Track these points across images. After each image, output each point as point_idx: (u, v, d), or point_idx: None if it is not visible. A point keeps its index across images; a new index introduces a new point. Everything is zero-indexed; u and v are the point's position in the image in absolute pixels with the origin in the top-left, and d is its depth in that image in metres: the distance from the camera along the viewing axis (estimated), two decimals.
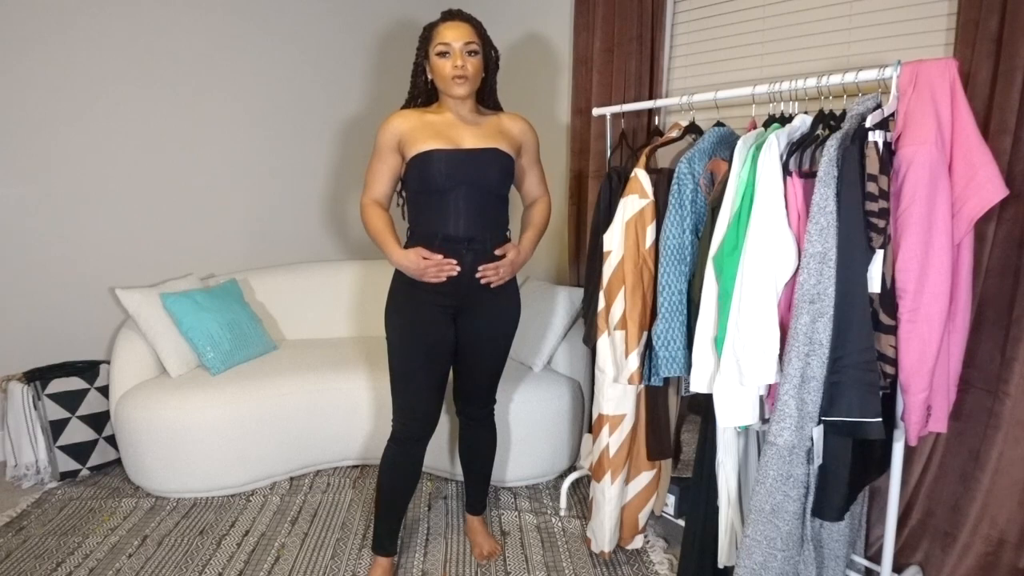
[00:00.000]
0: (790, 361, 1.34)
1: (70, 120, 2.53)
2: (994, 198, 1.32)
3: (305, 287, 2.97)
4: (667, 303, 1.62)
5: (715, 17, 2.24)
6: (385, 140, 1.69)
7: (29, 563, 1.91)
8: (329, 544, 2.04)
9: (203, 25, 2.79)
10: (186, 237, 2.87)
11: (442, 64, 1.64)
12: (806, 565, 1.44)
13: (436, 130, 1.67)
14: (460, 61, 1.62)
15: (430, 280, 1.64)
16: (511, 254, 1.73)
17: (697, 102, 1.79)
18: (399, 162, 1.71)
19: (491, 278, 1.71)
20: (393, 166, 1.72)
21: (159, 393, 2.30)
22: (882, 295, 1.32)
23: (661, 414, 1.87)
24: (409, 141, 1.66)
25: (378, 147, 1.71)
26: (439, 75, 1.65)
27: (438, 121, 1.70)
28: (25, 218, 2.49)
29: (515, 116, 1.81)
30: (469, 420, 1.95)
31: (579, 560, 1.96)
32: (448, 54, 1.63)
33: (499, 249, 1.72)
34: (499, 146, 1.70)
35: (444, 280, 1.65)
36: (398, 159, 1.71)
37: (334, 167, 3.29)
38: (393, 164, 1.71)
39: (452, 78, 1.63)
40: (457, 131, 1.69)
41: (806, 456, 1.38)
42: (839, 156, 1.30)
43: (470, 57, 1.64)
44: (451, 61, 1.62)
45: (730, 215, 1.46)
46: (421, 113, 1.72)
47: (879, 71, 1.39)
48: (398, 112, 1.73)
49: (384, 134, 1.69)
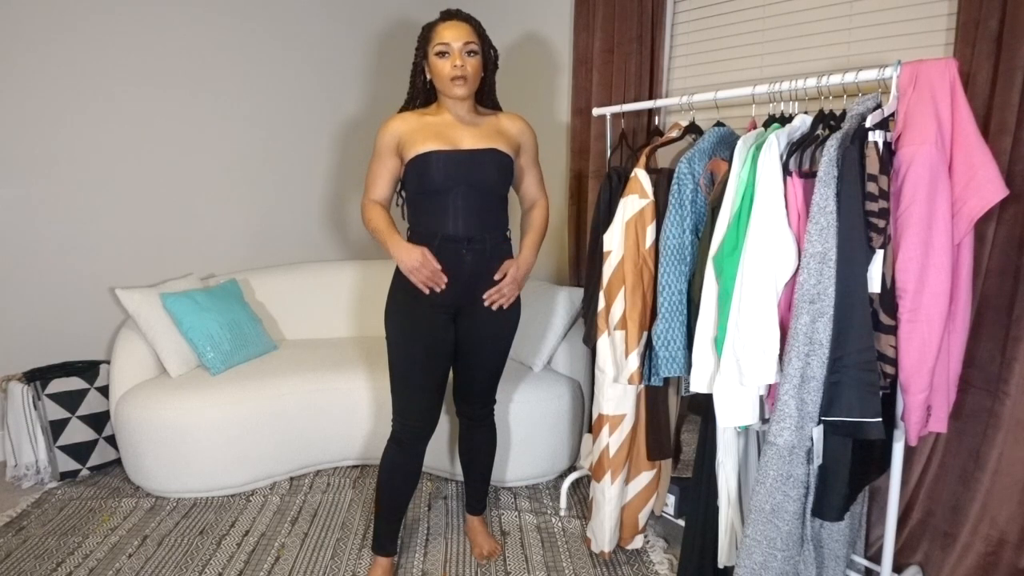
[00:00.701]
0: (790, 361, 1.34)
1: (70, 120, 2.53)
2: (994, 198, 1.32)
3: (305, 287, 2.97)
4: (667, 303, 1.62)
5: (715, 17, 2.24)
6: (384, 142, 1.70)
7: (29, 563, 1.91)
8: (329, 544, 2.04)
9: (203, 25, 2.79)
10: (186, 237, 2.87)
11: (441, 64, 1.63)
12: (806, 565, 1.44)
13: (435, 131, 1.68)
14: (459, 61, 1.62)
15: (418, 282, 1.64)
16: (511, 272, 1.73)
17: (697, 102, 1.79)
18: (398, 164, 1.72)
19: (499, 301, 1.72)
20: (392, 168, 1.72)
21: (159, 393, 2.30)
22: (882, 295, 1.32)
23: (661, 414, 1.87)
24: (408, 143, 1.67)
25: (377, 149, 1.71)
26: (438, 75, 1.65)
27: (437, 122, 1.70)
28: (25, 218, 2.49)
29: (514, 116, 1.80)
30: (469, 421, 1.95)
31: (579, 560, 1.96)
32: (447, 54, 1.63)
33: (498, 273, 1.73)
34: (498, 146, 1.70)
35: (426, 291, 1.66)
36: (397, 161, 1.72)
37: (334, 167, 3.29)
38: (392, 166, 1.72)
39: (451, 78, 1.63)
40: (455, 132, 1.69)
41: (806, 456, 1.38)
42: (839, 156, 1.30)
43: (469, 57, 1.64)
44: (450, 61, 1.62)
45: (730, 215, 1.46)
46: (420, 115, 1.72)
47: (879, 71, 1.39)
48: (397, 115, 1.73)
49: (383, 136, 1.70)
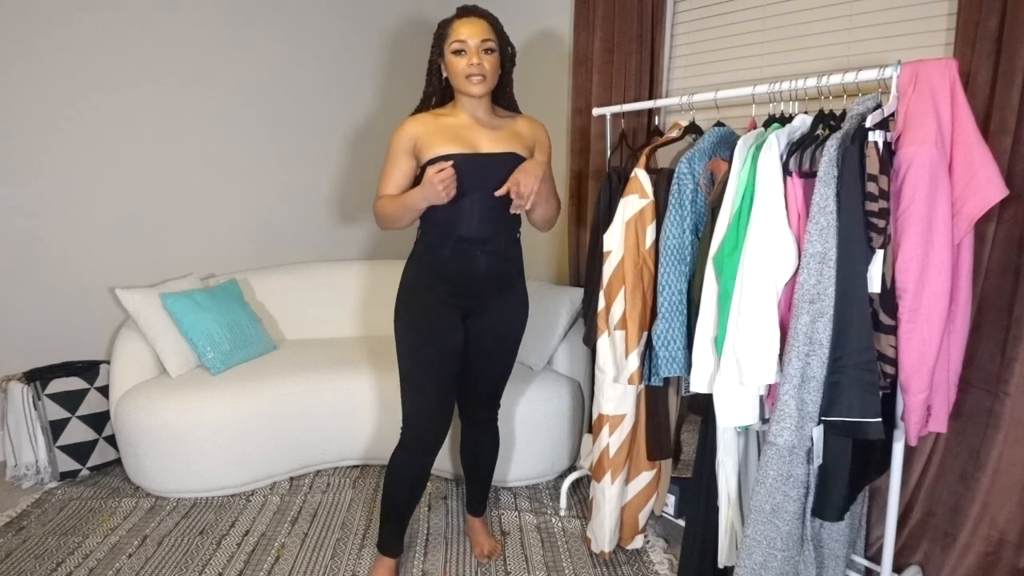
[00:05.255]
0: (790, 361, 1.34)
1: (70, 120, 2.53)
2: (994, 198, 1.32)
3: (305, 287, 2.97)
4: (667, 303, 1.62)
5: (715, 17, 2.24)
6: (400, 144, 1.66)
7: (29, 563, 1.91)
8: (329, 544, 2.04)
9: (204, 25, 2.79)
10: (186, 237, 2.87)
11: (458, 62, 1.60)
12: (806, 565, 1.44)
13: (453, 133, 1.64)
14: (476, 59, 1.58)
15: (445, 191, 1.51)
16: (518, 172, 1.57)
17: (697, 102, 1.79)
18: (413, 166, 1.68)
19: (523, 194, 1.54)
20: (407, 170, 1.69)
21: (159, 393, 2.30)
22: (882, 295, 1.32)
23: (661, 414, 1.87)
24: (425, 144, 1.63)
25: (392, 151, 1.68)
26: (455, 73, 1.62)
27: (454, 124, 1.67)
28: (25, 218, 2.49)
29: (531, 120, 1.78)
30: (473, 424, 1.94)
31: (579, 560, 1.96)
32: (464, 52, 1.59)
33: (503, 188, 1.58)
34: (516, 150, 1.67)
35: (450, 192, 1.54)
36: (413, 163, 1.68)
37: (341, 167, 3.29)
38: (407, 168, 1.68)
39: (468, 76, 1.59)
40: (474, 134, 1.66)
41: (806, 456, 1.38)
42: (839, 156, 1.30)
43: (487, 55, 1.60)
44: (467, 59, 1.59)
45: (730, 215, 1.46)
46: (436, 116, 1.69)
47: (879, 71, 1.39)
48: (412, 116, 1.70)
49: (399, 138, 1.66)
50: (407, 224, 1.69)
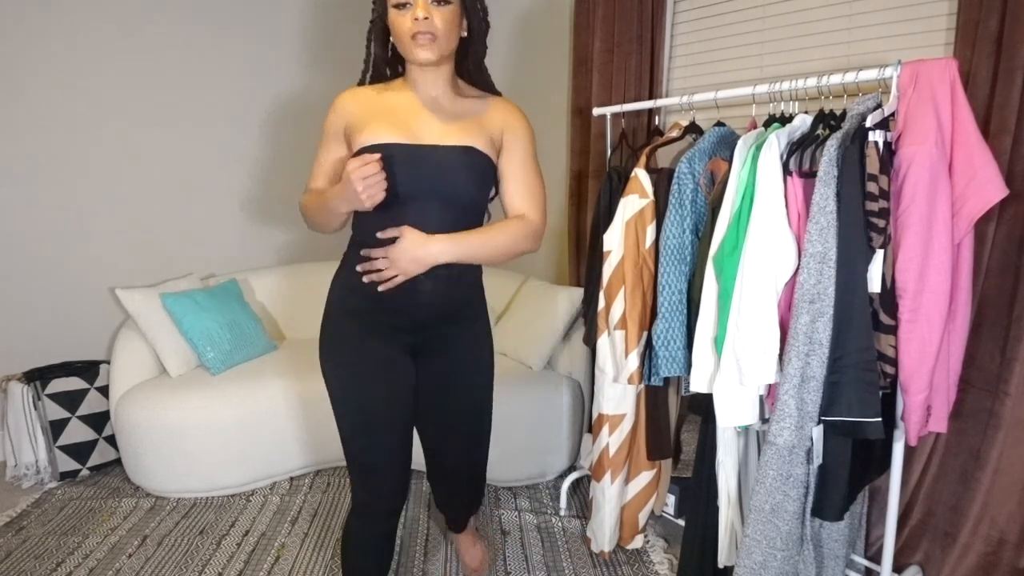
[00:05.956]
0: (790, 361, 1.34)
1: (70, 120, 2.53)
2: (994, 198, 1.32)
3: (305, 287, 2.97)
4: (667, 303, 1.62)
5: (715, 17, 2.24)
6: (330, 123, 1.33)
7: (29, 563, 1.91)
8: (329, 544, 2.04)
9: (204, 24, 2.79)
10: (186, 237, 2.87)
11: (401, 19, 1.22)
12: (806, 565, 1.44)
13: (393, 115, 1.28)
14: (423, 12, 1.19)
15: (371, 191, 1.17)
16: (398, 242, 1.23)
17: (697, 102, 1.79)
18: (346, 153, 1.33)
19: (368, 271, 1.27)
20: (340, 158, 1.35)
21: (159, 393, 2.30)
22: (882, 295, 1.32)
23: (661, 414, 1.87)
24: (356, 126, 1.28)
25: (324, 132, 1.35)
26: (398, 35, 1.24)
27: (398, 103, 1.30)
28: (25, 218, 2.49)
29: (505, 103, 1.38)
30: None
31: (579, 560, 1.96)
32: (408, 5, 1.21)
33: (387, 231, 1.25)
34: (473, 143, 1.28)
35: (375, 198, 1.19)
36: (344, 150, 1.34)
37: None
38: (340, 155, 1.35)
39: (413, 35, 1.21)
40: (418, 119, 1.29)
41: (806, 456, 1.38)
42: (839, 156, 1.30)
43: (438, 6, 1.21)
44: (411, 13, 1.21)
45: (730, 215, 1.46)
46: (379, 92, 1.33)
47: (879, 71, 1.39)
48: (351, 88, 1.35)
49: (329, 115, 1.33)
50: (336, 228, 1.35)
